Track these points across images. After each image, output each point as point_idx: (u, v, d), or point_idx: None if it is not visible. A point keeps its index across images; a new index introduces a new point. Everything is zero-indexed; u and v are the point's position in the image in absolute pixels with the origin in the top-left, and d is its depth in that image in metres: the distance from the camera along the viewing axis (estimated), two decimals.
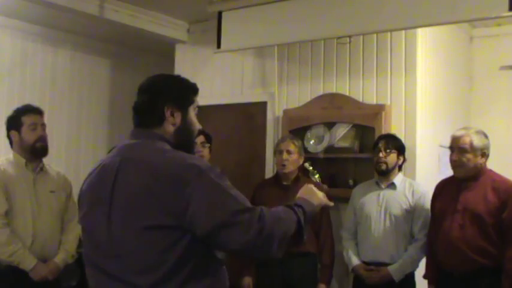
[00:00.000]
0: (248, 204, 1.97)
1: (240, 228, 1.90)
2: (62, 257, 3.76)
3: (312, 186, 2.33)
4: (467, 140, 3.72)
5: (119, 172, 2.00)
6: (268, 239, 1.94)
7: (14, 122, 3.76)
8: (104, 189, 2.01)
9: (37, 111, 3.82)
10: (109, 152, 2.20)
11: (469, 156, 3.72)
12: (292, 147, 4.33)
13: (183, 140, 2.15)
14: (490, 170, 3.82)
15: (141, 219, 1.89)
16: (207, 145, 4.39)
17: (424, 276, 3.99)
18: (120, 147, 2.13)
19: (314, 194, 2.30)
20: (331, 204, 2.41)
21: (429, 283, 3.96)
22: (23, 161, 3.73)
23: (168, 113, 2.11)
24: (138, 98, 2.16)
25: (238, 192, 1.98)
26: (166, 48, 6.17)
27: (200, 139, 4.28)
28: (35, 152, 3.74)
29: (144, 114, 2.13)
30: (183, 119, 2.15)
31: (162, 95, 2.13)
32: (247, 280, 4.39)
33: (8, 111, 3.98)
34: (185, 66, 5.92)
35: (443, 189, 3.94)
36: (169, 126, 2.12)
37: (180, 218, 1.87)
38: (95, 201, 2.05)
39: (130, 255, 1.92)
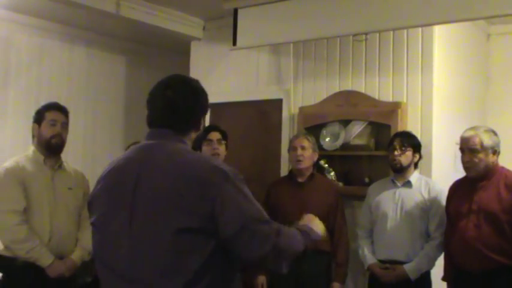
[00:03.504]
0: (267, 216, 1.97)
1: (258, 238, 1.90)
2: (79, 254, 3.77)
3: (314, 217, 2.30)
4: (477, 140, 3.70)
5: (141, 173, 1.96)
6: (281, 255, 1.95)
7: (37, 116, 3.80)
8: (124, 190, 1.97)
9: (61, 109, 3.84)
10: (126, 151, 2.18)
11: (481, 156, 3.69)
12: (306, 143, 4.32)
13: (195, 147, 2.16)
14: (502, 167, 3.80)
15: (167, 221, 1.87)
16: (223, 142, 4.39)
17: (443, 278, 3.97)
18: (139, 148, 2.09)
19: (318, 225, 2.28)
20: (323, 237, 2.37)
21: (448, 284, 3.94)
22: (42, 157, 3.75)
23: (201, 121, 2.13)
24: (172, 98, 2.08)
25: (257, 203, 1.98)
26: (181, 46, 6.19)
27: (216, 136, 4.27)
28: (49, 148, 3.75)
29: (179, 118, 2.08)
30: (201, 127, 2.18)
31: (200, 103, 2.14)
32: (261, 279, 4.39)
33: (26, 107, 4.02)
34: (200, 63, 5.93)
35: (457, 190, 3.92)
36: (194, 134, 2.13)
37: (206, 220, 1.86)
38: (114, 203, 2.01)
39: (154, 258, 1.88)
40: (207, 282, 1.88)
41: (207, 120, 5.62)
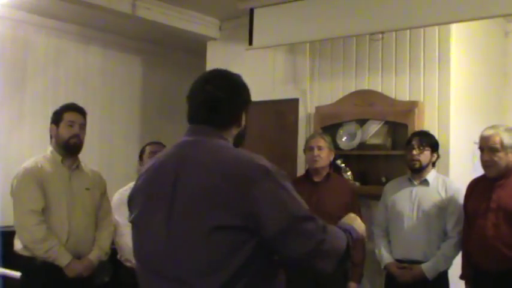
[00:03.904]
0: (311, 213, 1.92)
1: (303, 236, 1.86)
2: (96, 254, 3.79)
3: (356, 216, 2.22)
4: (497, 139, 3.67)
5: (180, 170, 1.92)
6: (326, 253, 1.91)
7: (55, 117, 3.82)
8: (163, 187, 1.93)
9: (79, 110, 3.86)
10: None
11: (501, 155, 3.66)
12: (322, 143, 4.31)
13: (238, 143, 2.12)
14: None
15: (207, 219, 1.82)
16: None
17: (461, 277, 3.94)
18: (179, 145, 2.04)
19: (360, 225, 2.20)
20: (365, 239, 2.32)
21: (466, 284, 3.92)
22: (59, 158, 3.77)
23: (242, 117, 2.09)
24: (212, 93, 2.03)
25: (301, 199, 1.93)
26: (197, 46, 6.20)
27: None
28: (67, 149, 3.77)
29: (220, 113, 2.03)
30: (244, 122, 2.13)
31: (241, 97, 2.10)
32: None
33: (42, 108, 4.04)
34: (216, 63, 5.93)
35: (476, 189, 3.89)
36: (235, 129, 2.09)
37: (247, 218, 1.81)
38: (153, 200, 1.97)
39: (193, 256, 1.84)
40: (245, 282, 1.83)
41: None
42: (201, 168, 1.89)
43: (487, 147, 3.70)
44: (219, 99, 2.03)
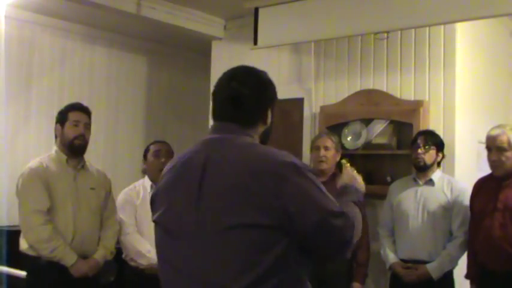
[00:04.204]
0: (341, 208, 1.90)
1: (335, 231, 1.84)
2: (102, 253, 3.80)
3: (352, 170, 2.24)
4: (504, 138, 3.66)
5: (206, 168, 1.88)
6: (352, 245, 1.91)
7: (60, 117, 3.82)
8: (190, 186, 1.89)
9: (83, 110, 3.86)
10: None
11: (508, 154, 3.66)
12: (329, 143, 4.28)
13: (264, 141, 2.06)
14: None
15: (236, 218, 1.78)
16: None
17: (466, 276, 3.94)
18: (205, 142, 1.99)
19: (358, 179, 2.24)
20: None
21: (471, 283, 3.91)
22: (64, 157, 3.78)
23: (268, 114, 2.05)
24: (237, 89, 1.99)
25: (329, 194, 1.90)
26: (202, 45, 6.20)
27: None
28: (72, 149, 3.78)
29: (245, 110, 1.99)
30: (271, 119, 2.08)
31: (267, 94, 2.06)
32: None
33: (48, 108, 4.05)
34: (221, 63, 5.94)
35: (482, 188, 3.88)
36: (262, 127, 2.04)
37: (279, 216, 1.77)
38: (178, 199, 1.93)
39: (221, 256, 1.80)
40: (276, 282, 1.79)
41: None
42: (229, 166, 1.86)
43: (494, 147, 3.69)
44: (245, 95, 1.98)
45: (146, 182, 4.22)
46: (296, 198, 1.79)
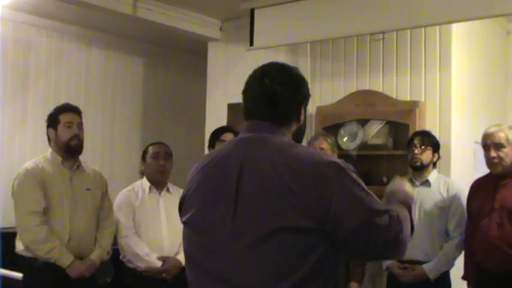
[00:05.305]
0: (385, 206, 1.86)
1: (381, 230, 1.79)
2: (98, 254, 3.79)
3: (402, 178, 2.15)
4: (502, 134, 3.66)
5: (244, 168, 1.81)
6: (403, 243, 1.85)
7: (51, 120, 3.81)
8: (225, 186, 1.82)
9: (74, 110, 3.85)
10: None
11: (506, 150, 3.65)
12: (325, 145, 4.27)
13: (298, 140, 2.00)
14: None
15: (276, 221, 1.71)
16: None
17: (463, 278, 3.94)
18: (239, 141, 1.94)
19: (409, 187, 2.16)
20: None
21: (468, 284, 3.91)
22: (60, 159, 3.77)
23: (302, 111, 1.98)
24: (270, 87, 1.92)
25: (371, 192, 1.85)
26: (199, 46, 6.20)
27: (229, 137, 4.21)
28: (69, 150, 3.77)
29: (279, 108, 1.92)
30: (304, 118, 2.01)
31: (301, 91, 1.98)
32: None
33: (44, 110, 4.04)
34: (218, 64, 5.94)
35: (479, 188, 3.87)
36: (295, 125, 1.96)
37: (322, 218, 1.71)
38: (212, 199, 1.85)
39: (258, 260, 1.73)
40: (314, 287, 1.74)
41: (223, 120, 5.62)
42: (268, 166, 1.79)
43: (492, 144, 3.68)
44: (278, 93, 1.91)
45: (144, 183, 4.21)
46: (341, 198, 1.74)
